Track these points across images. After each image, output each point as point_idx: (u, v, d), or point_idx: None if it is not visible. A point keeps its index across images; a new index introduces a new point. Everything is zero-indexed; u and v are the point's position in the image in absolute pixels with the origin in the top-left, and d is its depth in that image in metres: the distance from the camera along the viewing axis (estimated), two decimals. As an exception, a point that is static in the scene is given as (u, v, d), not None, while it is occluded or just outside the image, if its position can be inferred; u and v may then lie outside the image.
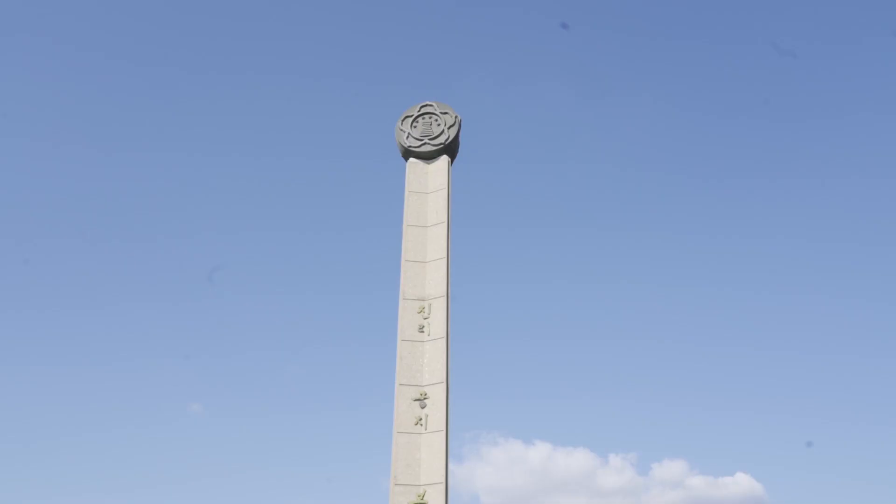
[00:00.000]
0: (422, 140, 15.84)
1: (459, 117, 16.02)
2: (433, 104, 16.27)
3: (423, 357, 13.77)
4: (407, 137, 15.96)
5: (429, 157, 15.84)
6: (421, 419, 13.21)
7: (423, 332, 14.02)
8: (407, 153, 16.01)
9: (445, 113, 16.09)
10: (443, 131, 15.83)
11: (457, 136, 15.89)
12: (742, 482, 59.39)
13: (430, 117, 16.13)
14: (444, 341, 13.80)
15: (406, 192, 15.55)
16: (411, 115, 16.19)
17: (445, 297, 14.23)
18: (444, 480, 12.59)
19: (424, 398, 13.40)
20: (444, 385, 13.39)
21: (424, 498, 12.53)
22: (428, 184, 15.63)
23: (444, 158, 15.75)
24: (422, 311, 14.20)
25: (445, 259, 14.65)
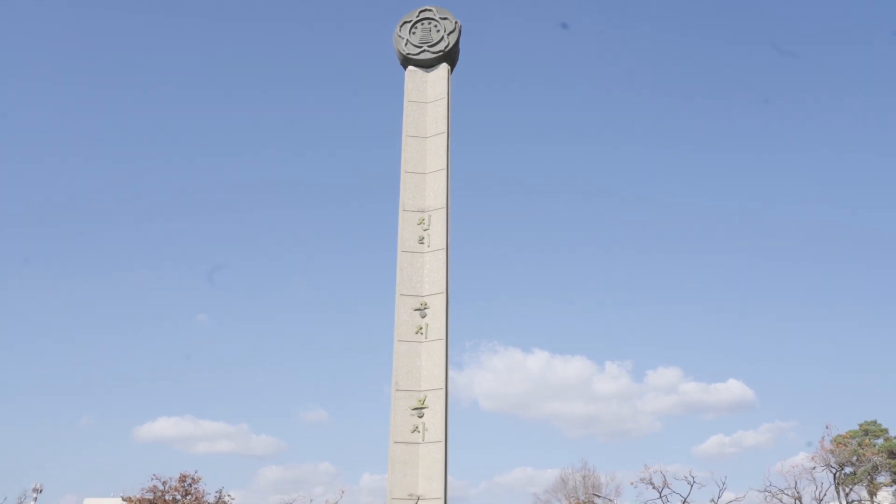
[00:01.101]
0: (421, 47, 15.49)
1: (459, 23, 15.60)
2: (432, 9, 15.80)
3: (423, 268, 14.03)
4: (405, 44, 15.59)
5: (428, 65, 15.54)
6: (421, 328, 13.61)
7: (423, 243, 14.21)
8: (406, 61, 15.69)
9: (445, 18, 15.65)
10: (442, 38, 15.46)
11: (457, 44, 15.53)
12: (734, 388, 61.49)
13: (430, 23, 15.71)
14: (443, 252, 14.03)
15: (405, 102, 15.37)
16: (410, 21, 15.75)
17: (445, 209, 14.34)
18: (444, 386, 13.13)
19: (425, 308, 13.75)
20: (444, 295, 13.72)
21: (425, 403, 13.10)
22: (427, 93, 15.41)
23: (444, 66, 15.46)
24: (422, 222, 14.34)
25: (445, 170, 14.65)
